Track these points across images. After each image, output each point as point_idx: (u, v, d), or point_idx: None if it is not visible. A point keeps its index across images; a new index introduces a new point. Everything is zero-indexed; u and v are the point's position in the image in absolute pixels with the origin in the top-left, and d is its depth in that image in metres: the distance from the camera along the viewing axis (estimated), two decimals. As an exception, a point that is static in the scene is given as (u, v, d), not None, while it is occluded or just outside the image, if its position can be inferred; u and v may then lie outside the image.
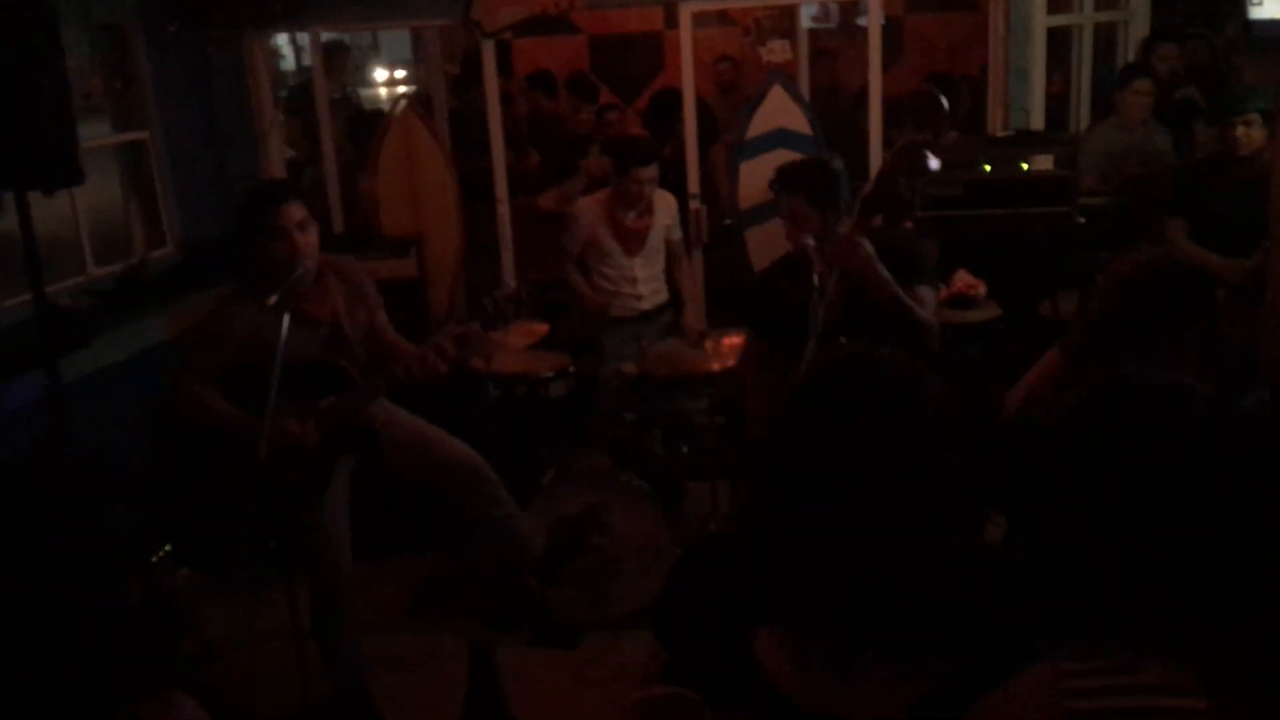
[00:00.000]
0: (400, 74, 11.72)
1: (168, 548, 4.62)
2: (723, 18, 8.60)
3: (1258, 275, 4.53)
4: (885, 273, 3.34)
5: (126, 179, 5.73)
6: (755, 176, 5.62)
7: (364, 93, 8.44)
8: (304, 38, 7.34)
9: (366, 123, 7.13)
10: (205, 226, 5.73)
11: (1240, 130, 4.86)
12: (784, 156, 5.55)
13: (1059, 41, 6.24)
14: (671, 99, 6.45)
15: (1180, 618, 1.30)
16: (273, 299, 3.31)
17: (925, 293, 3.56)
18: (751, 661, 1.58)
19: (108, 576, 3.75)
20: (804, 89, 6.08)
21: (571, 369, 4.98)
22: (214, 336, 3.52)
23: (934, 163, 3.29)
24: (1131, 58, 6.25)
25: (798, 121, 5.78)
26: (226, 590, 4.46)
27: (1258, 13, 3.98)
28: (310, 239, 3.48)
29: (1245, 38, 4.61)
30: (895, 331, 3.44)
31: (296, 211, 3.46)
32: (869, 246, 3.32)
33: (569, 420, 4.99)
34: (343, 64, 7.63)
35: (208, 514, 4.63)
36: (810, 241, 3.35)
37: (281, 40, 7.82)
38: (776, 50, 6.21)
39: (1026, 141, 5.40)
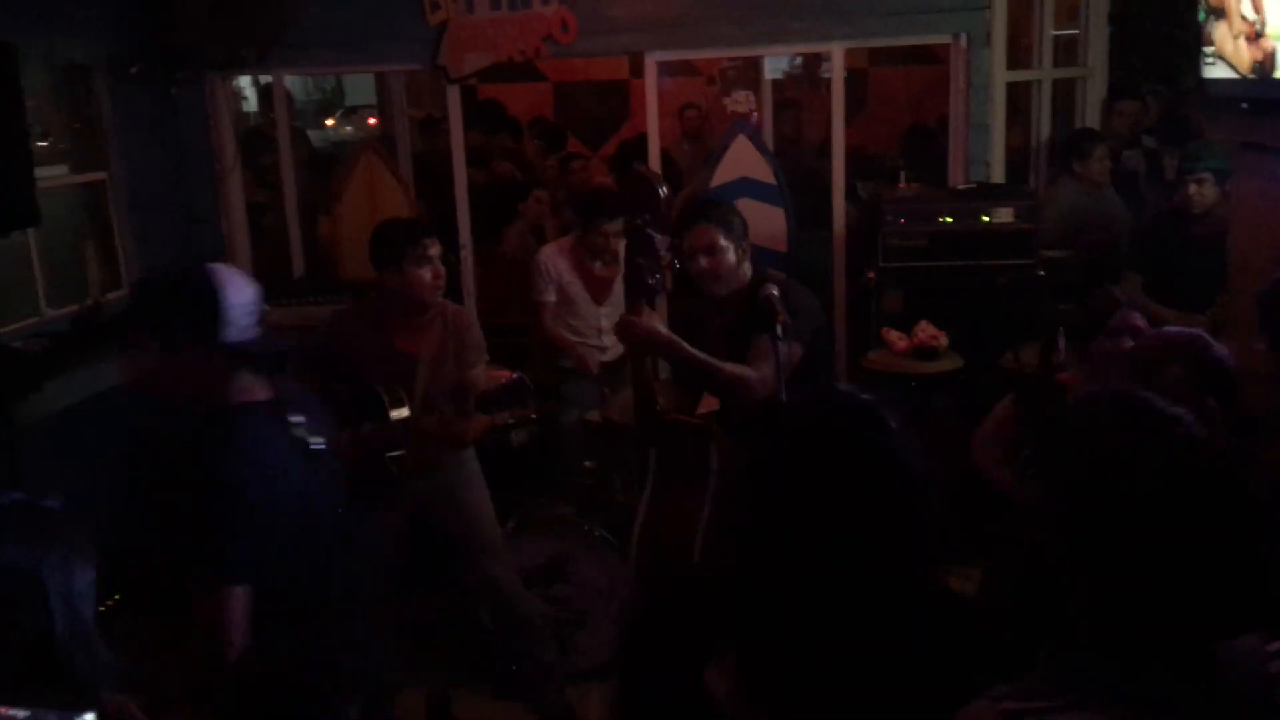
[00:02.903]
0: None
1: (117, 596, 4.51)
2: (688, 67, 8.68)
3: (1214, 329, 4.58)
4: (670, 340, 3.37)
5: (83, 220, 5.65)
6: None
7: (313, 134, 8.40)
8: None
9: (319, 164, 7.11)
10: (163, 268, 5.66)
11: (1193, 189, 4.96)
12: (749, 205, 5.58)
13: (1019, 96, 6.33)
14: (637, 148, 6.48)
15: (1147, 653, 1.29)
16: None
17: (765, 343, 3.35)
18: (704, 694, 1.58)
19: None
20: (768, 139, 6.13)
21: (534, 416, 4.94)
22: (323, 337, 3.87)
23: (660, 241, 3.40)
24: (1089, 113, 6.35)
25: (762, 171, 5.82)
26: (180, 640, 4.39)
27: (1210, 71, 4.06)
28: (441, 273, 3.73)
29: (1198, 95, 4.70)
30: (713, 391, 3.48)
31: (436, 246, 3.72)
32: (647, 322, 3.37)
33: (531, 469, 4.94)
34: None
35: (165, 560, 4.55)
36: (774, 290, 3.34)
37: (244, 82, 7.77)
38: (740, 101, 6.27)
39: (987, 194, 5.47)
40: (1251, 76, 3.71)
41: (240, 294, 2.33)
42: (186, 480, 2.30)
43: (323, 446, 2.46)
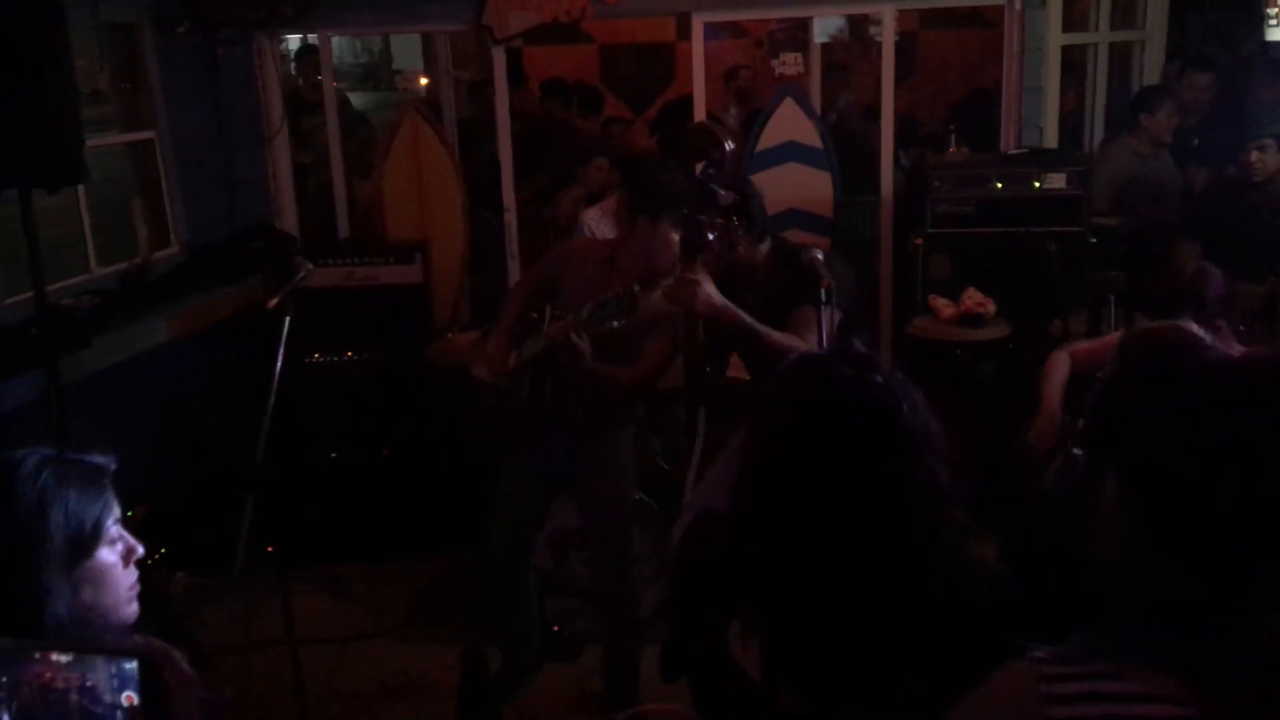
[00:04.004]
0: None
1: (162, 550, 4.58)
2: (735, 29, 8.57)
3: (1273, 300, 4.47)
4: (728, 305, 3.27)
5: (132, 179, 5.71)
6: (764, 189, 5.58)
7: (358, 97, 8.39)
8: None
9: (364, 127, 7.11)
10: (210, 228, 5.70)
11: (1255, 155, 4.82)
12: (794, 169, 5.53)
13: (1074, 59, 6.19)
14: (681, 110, 6.41)
15: (1175, 624, 1.25)
16: (273, 302, 3.27)
17: (810, 313, 3.30)
18: (728, 655, 1.57)
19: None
20: (815, 102, 6.04)
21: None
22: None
23: (724, 196, 3.32)
24: (1147, 77, 6.19)
25: (809, 134, 5.74)
26: (223, 595, 4.47)
27: (1275, 34, 3.93)
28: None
29: (1262, 58, 4.56)
30: (756, 359, 3.37)
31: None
32: (706, 284, 3.27)
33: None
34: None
35: (206, 517, 4.62)
36: (818, 255, 3.29)
37: (291, 43, 7.77)
38: (789, 63, 6.17)
39: (1039, 160, 5.35)
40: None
41: None
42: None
43: None
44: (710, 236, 3.28)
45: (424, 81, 6.89)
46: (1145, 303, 3.49)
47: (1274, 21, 3.91)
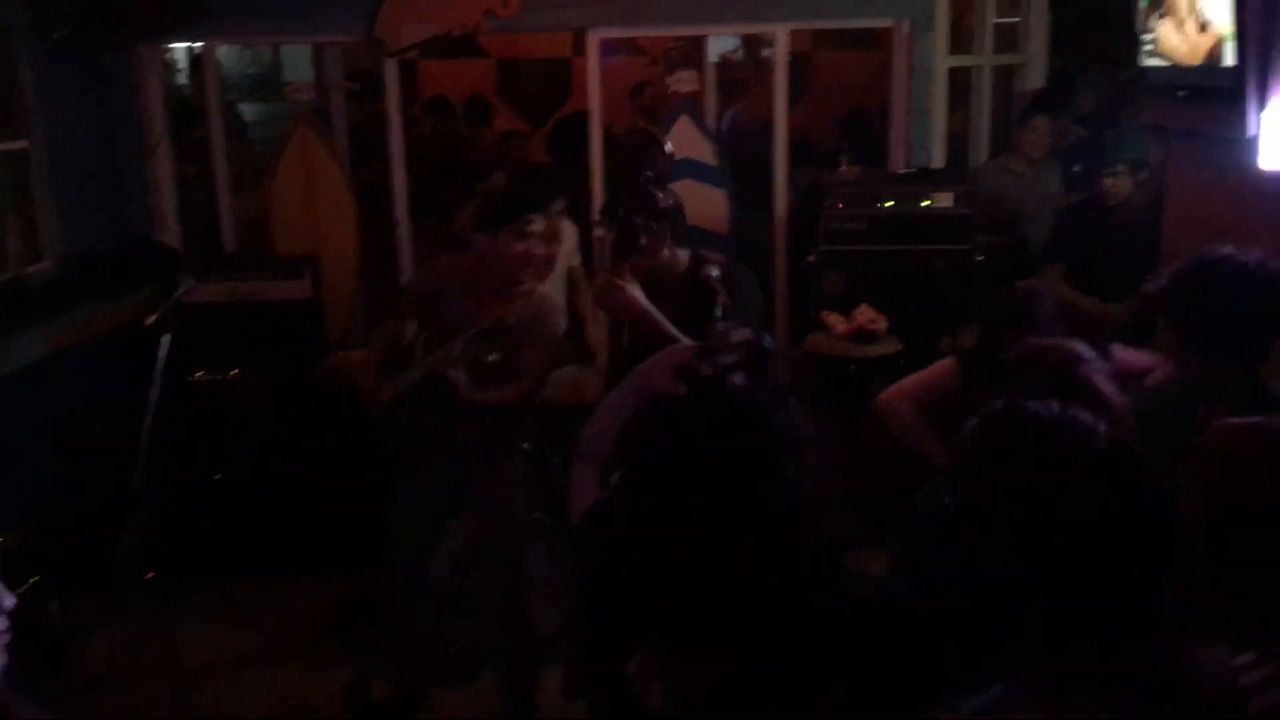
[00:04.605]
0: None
1: (36, 578, 4.37)
2: (632, 46, 8.60)
3: (1138, 318, 4.60)
4: (652, 311, 3.29)
5: (4, 190, 5.46)
6: (662, 205, 5.59)
7: (249, 109, 8.19)
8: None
9: (253, 139, 6.94)
10: (89, 241, 5.48)
11: (1109, 181, 5.01)
12: (690, 186, 5.54)
13: (960, 82, 6.35)
14: (576, 124, 6.40)
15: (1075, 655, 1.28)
16: (151, 319, 3.16)
17: (721, 326, 3.33)
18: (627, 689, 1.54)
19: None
20: (711, 120, 6.08)
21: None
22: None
23: (662, 197, 3.34)
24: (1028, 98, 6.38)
25: (704, 152, 5.78)
26: (107, 621, 4.28)
27: (1149, 60, 4.09)
28: (533, 253, 3.53)
29: (1138, 83, 4.73)
30: None
31: (540, 223, 3.53)
32: (632, 288, 3.29)
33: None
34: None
35: (85, 543, 4.42)
36: (715, 273, 3.30)
37: (178, 54, 7.55)
38: (684, 80, 6.21)
39: (928, 179, 5.48)
40: (1192, 65, 3.74)
41: None
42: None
43: None
44: (643, 241, 3.28)
45: (314, 93, 6.75)
46: (987, 322, 3.61)
47: (1149, 48, 4.05)
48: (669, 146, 3.39)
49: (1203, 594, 1.58)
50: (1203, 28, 3.64)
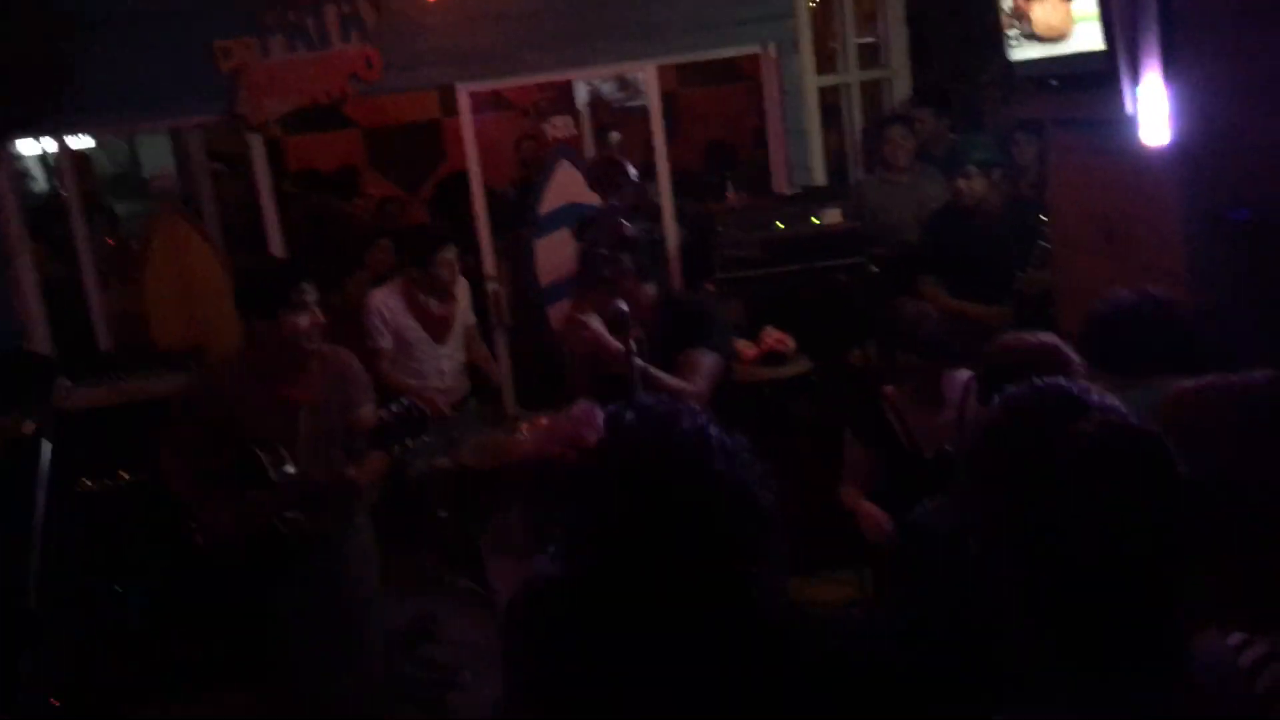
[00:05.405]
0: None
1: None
2: (499, 102, 8.54)
3: (1020, 317, 4.64)
4: (614, 344, 3.20)
5: None
6: (552, 253, 5.51)
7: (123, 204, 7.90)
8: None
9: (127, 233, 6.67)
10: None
11: (962, 184, 5.08)
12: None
13: (831, 101, 6.43)
14: (458, 184, 6.29)
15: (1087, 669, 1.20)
16: (30, 427, 2.94)
17: (699, 356, 3.30)
18: None
19: None
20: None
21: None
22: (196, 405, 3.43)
23: (628, 226, 3.29)
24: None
25: (587, 195, 5.71)
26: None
27: (1018, 53, 4.14)
28: (320, 319, 3.38)
29: (1006, 81, 4.81)
30: None
31: (313, 291, 3.37)
32: (595, 323, 3.20)
33: (382, 525, 4.67)
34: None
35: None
36: (623, 306, 3.21)
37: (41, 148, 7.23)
38: (559, 126, 6.16)
39: (814, 198, 5.51)
40: (1063, 54, 3.78)
41: None
42: None
43: None
44: (605, 273, 3.16)
45: (177, 180, 6.53)
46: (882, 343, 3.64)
47: (1015, 41, 4.11)
48: (634, 172, 3.27)
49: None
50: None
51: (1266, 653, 1.28)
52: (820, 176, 6.05)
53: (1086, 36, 3.62)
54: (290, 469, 3.25)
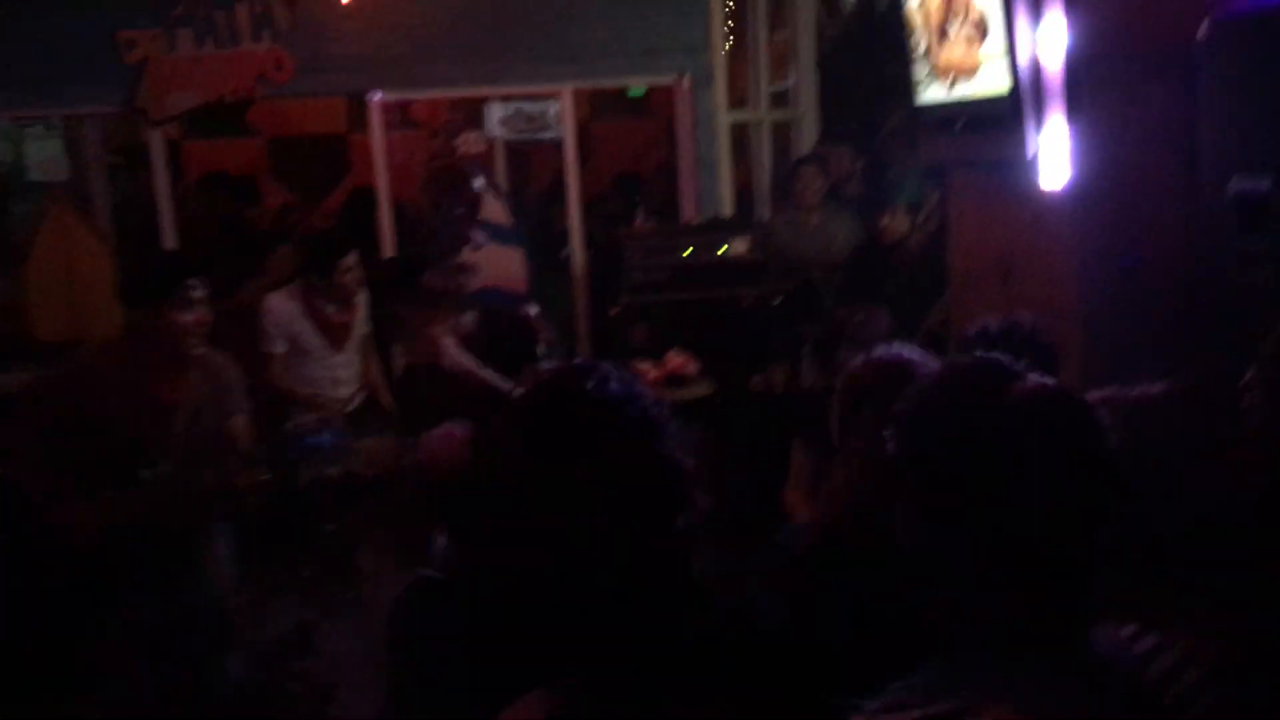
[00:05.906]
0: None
1: None
2: (406, 121, 8.45)
3: (931, 347, 4.74)
4: (465, 362, 3.18)
5: None
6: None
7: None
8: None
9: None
10: None
11: (885, 220, 5.23)
12: (491, 249, 5.43)
13: (741, 137, 6.53)
14: (366, 197, 6.20)
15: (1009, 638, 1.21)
16: None
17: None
18: None
19: None
20: (502, 180, 6.01)
21: (265, 478, 4.53)
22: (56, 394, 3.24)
23: (475, 238, 3.28)
24: (804, 152, 6.61)
25: (497, 213, 5.67)
26: None
27: (925, 96, 4.25)
28: (206, 319, 3.25)
29: (913, 125, 4.94)
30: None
31: (201, 288, 3.24)
32: (446, 340, 3.19)
33: (267, 537, 4.53)
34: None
35: None
36: (534, 310, 3.19)
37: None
38: (471, 141, 6.11)
39: (721, 227, 5.58)
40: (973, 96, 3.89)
41: None
42: None
43: None
44: (459, 280, 3.12)
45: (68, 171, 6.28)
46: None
47: (922, 85, 4.21)
48: (479, 179, 3.25)
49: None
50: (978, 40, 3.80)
51: (1156, 645, 1.32)
52: (728, 209, 6.13)
53: (993, 77, 3.73)
54: (154, 471, 3.12)
